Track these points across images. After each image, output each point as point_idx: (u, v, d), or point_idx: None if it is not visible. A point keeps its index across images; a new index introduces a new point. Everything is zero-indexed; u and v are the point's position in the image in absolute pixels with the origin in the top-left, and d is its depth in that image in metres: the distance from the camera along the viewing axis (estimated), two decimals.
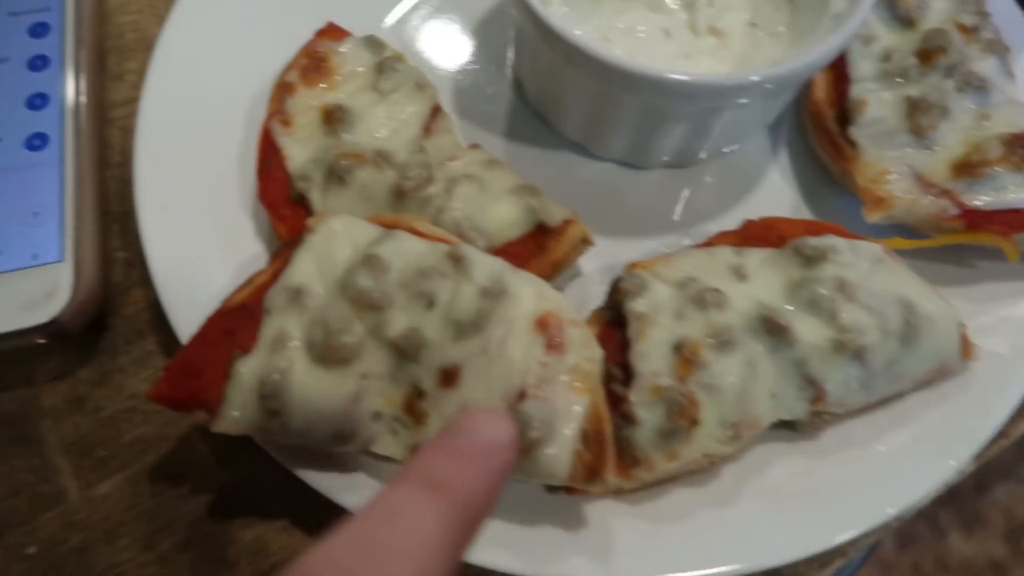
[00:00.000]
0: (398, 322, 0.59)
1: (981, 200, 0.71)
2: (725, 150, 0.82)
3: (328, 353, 0.58)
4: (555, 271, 0.71)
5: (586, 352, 0.61)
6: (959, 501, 2.06)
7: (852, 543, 0.70)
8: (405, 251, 0.61)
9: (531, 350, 0.60)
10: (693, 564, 0.63)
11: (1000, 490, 2.08)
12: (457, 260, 0.60)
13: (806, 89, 0.82)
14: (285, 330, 0.60)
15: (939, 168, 0.73)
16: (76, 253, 0.70)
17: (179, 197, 0.73)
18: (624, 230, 0.79)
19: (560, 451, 0.58)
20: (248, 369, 0.59)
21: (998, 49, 0.77)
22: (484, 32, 0.88)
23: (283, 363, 0.58)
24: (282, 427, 0.59)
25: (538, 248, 0.70)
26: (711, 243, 0.72)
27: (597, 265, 0.76)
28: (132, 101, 0.81)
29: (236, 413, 0.59)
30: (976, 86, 0.74)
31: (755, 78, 0.66)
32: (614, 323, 0.68)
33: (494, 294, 0.60)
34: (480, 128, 0.82)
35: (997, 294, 0.74)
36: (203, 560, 0.67)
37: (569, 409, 0.59)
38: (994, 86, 0.74)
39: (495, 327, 0.60)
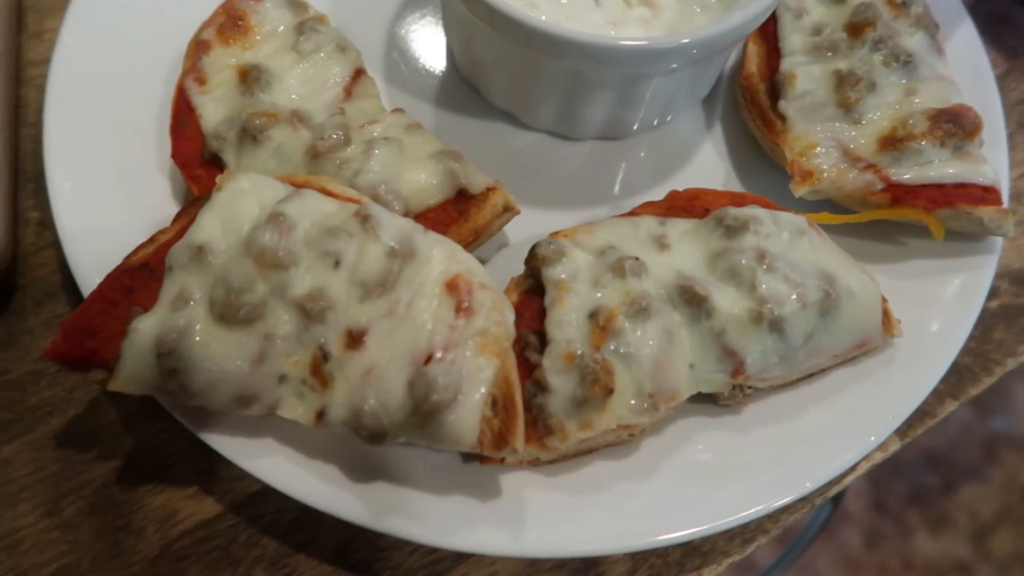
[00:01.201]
0: (303, 282, 0.58)
1: (906, 175, 0.70)
2: (657, 123, 0.81)
3: (229, 312, 0.57)
4: (477, 238, 0.69)
5: (496, 316, 0.59)
6: (926, 501, 2.07)
7: (771, 518, 0.69)
8: (312, 210, 0.60)
9: (439, 313, 0.58)
10: (607, 537, 0.62)
11: (966, 491, 2.10)
12: (364, 219, 0.59)
13: (739, 64, 0.81)
14: (186, 288, 0.58)
15: (866, 142, 0.72)
16: None
17: (92, 157, 0.71)
18: (554, 201, 0.77)
19: (466, 415, 0.57)
20: (146, 327, 0.57)
21: (927, 24, 0.76)
22: None
23: (182, 321, 0.57)
24: (181, 387, 0.57)
25: (459, 215, 0.68)
26: (635, 213, 0.70)
27: (525, 236, 0.75)
28: (50, 60, 0.79)
29: (132, 371, 0.57)
30: (904, 61, 0.73)
31: (680, 41, 0.65)
32: (533, 291, 0.67)
33: (402, 255, 0.59)
34: (408, 94, 0.81)
35: (925, 271, 0.74)
36: (108, 527, 0.66)
37: (477, 374, 0.57)
38: (922, 61, 0.74)
39: (403, 288, 0.58)
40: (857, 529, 2.03)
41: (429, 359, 0.57)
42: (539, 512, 0.63)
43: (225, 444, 0.62)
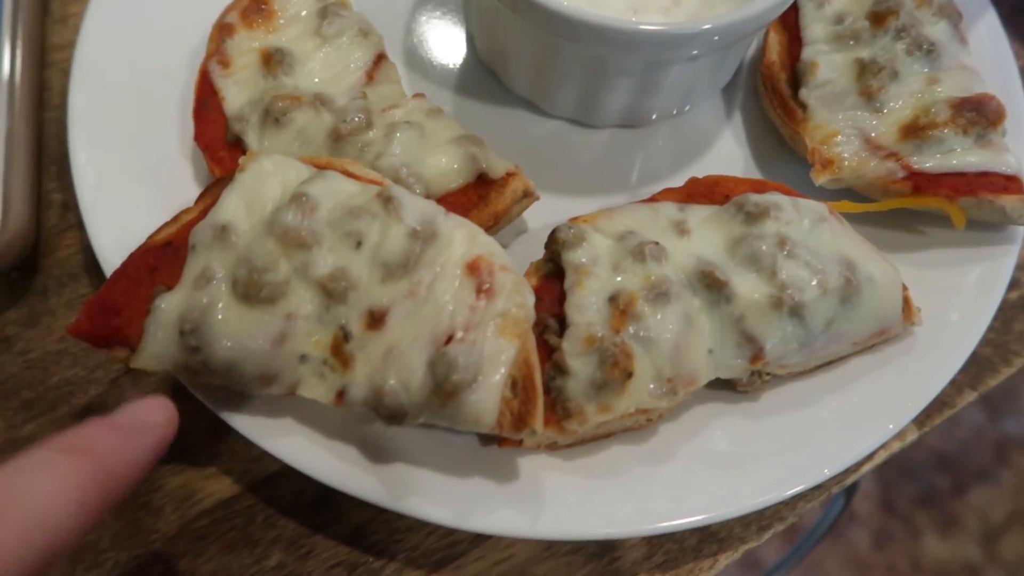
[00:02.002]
0: (325, 262, 0.58)
1: (928, 163, 0.70)
2: (677, 112, 0.81)
3: (252, 291, 0.57)
4: (497, 223, 0.69)
5: (517, 298, 0.59)
6: (935, 503, 2.06)
7: (788, 505, 0.69)
8: (335, 191, 0.60)
9: (460, 294, 0.58)
10: (623, 520, 0.62)
11: (976, 493, 2.09)
12: (387, 200, 0.59)
13: (760, 53, 0.81)
14: (209, 267, 0.58)
15: (888, 131, 0.72)
16: (5, 192, 0.69)
17: (115, 139, 0.71)
18: (573, 188, 0.78)
19: (486, 396, 0.57)
20: (169, 305, 0.57)
21: (950, 14, 0.76)
22: None
23: (205, 299, 0.57)
24: (203, 365, 0.58)
25: (479, 199, 0.69)
26: (655, 199, 0.71)
27: (544, 222, 0.75)
28: (75, 44, 0.79)
29: (155, 349, 0.57)
30: (926, 50, 0.73)
31: (701, 27, 0.65)
32: (553, 275, 0.67)
33: (424, 236, 0.59)
34: (429, 80, 0.81)
35: (946, 261, 0.74)
36: (128, 505, 0.66)
37: (497, 355, 0.58)
38: (944, 50, 0.74)
39: (424, 270, 0.58)
40: (866, 530, 2.03)
41: (450, 340, 0.57)
42: (556, 495, 0.63)
43: (245, 424, 0.62)
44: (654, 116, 0.80)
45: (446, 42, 0.84)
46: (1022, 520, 2.05)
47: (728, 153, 0.81)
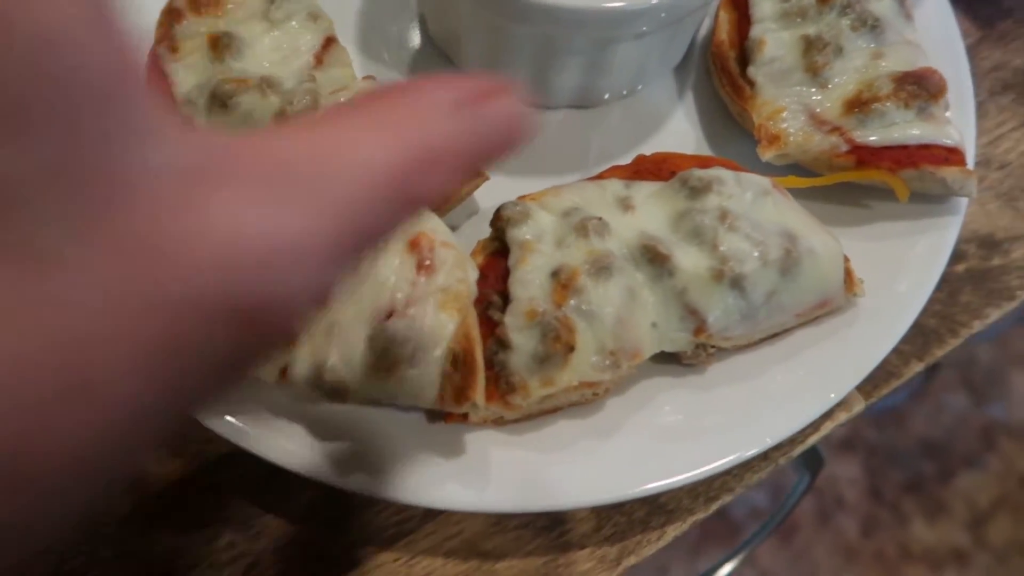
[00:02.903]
0: None
1: (871, 137, 0.71)
2: (628, 92, 0.81)
3: None
4: (447, 204, 0.70)
5: (458, 273, 0.60)
6: (923, 489, 2.07)
7: (735, 477, 0.70)
8: None
9: (401, 270, 0.59)
10: (571, 492, 0.63)
11: (963, 479, 2.10)
12: None
13: (711, 32, 0.82)
14: None
15: (832, 106, 0.73)
16: None
17: None
18: (525, 168, 0.78)
19: (426, 371, 0.58)
20: None
21: None
22: None
23: None
24: None
25: None
26: (602, 176, 0.71)
27: (495, 202, 0.75)
28: None
29: None
30: (871, 25, 0.74)
31: (649, 3, 0.66)
32: (499, 253, 0.68)
33: None
34: (381, 64, 0.81)
35: (891, 233, 0.74)
36: None
37: (438, 330, 0.58)
38: (889, 26, 0.74)
39: None
40: (853, 517, 2.04)
41: (390, 315, 0.58)
42: (504, 469, 0.64)
43: None
44: (606, 96, 0.80)
45: (398, 25, 0.84)
46: (1009, 505, 2.06)
47: (680, 131, 0.81)
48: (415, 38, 0.84)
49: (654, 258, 0.64)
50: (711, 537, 1.78)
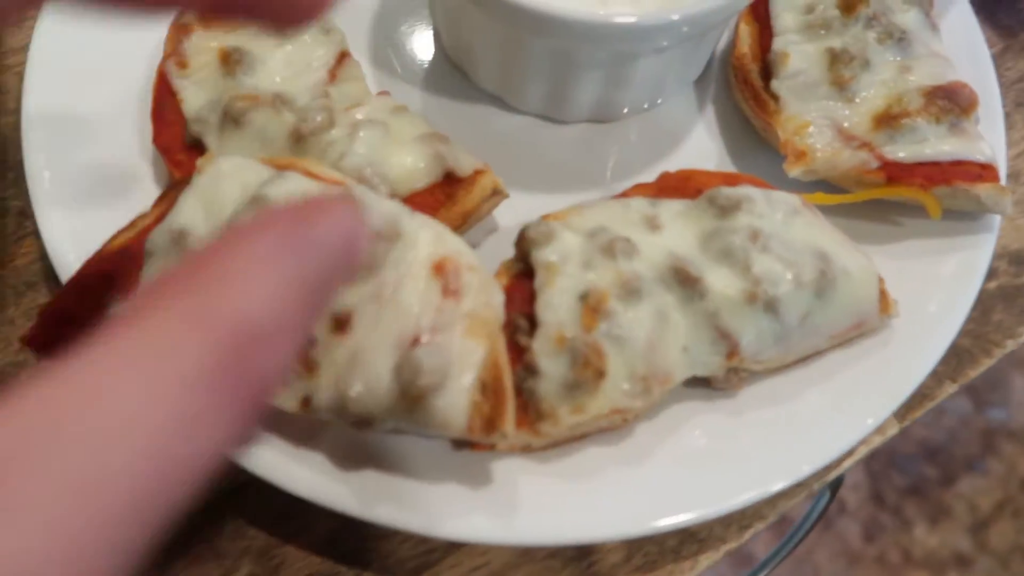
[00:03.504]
0: None
1: (901, 153, 0.69)
2: (648, 106, 0.80)
3: None
4: (466, 222, 0.68)
5: (485, 298, 0.58)
6: (924, 493, 2.07)
7: (768, 504, 0.68)
8: (295, 192, 0.58)
9: (427, 295, 0.57)
10: (601, 523, 0.61)
11: (965, 483, 2.10)
12: None
13: (731, 45, 0.80)
14: None
15: (860, 121, 0.71)
16: None
17: (72, 143, 0.70)
18: (543, 185, 0.76)
19: (454, 400, 0.55)
20: None
21: (921, 1, 0.75)
22: None
23: None
24: None
25: (447, 198, 0.67)
26: (626, 194, 0.69)
27: (514, 220, 0.73)
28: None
29: None
30: (898, 38, 0.72)
31: (669, 19, 0.64)
32: (523, 275, 0.66)
33: (388, 237, 0.57)
34: (394, 78, 0.79)
35: (922, 251, 0.73)
36: None
37: (465, 357, 0.56)
38: (916, 38, 0.73)
39: (389, 271, 0.57)
40: (856, 521, 2.03)
41: (416, 342, 0.56)
42: (532, 499, 0.62)
43: None
44: (625, 110, 0.79)
45: (412, 39, 0.82)
46: (1011, 509, 2.06)
47: (701, 146, 0.79)
48: (429, 52, 0.82)
49: (684, 280, 0.62)
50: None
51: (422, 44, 0.82)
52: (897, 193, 0.70)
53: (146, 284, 0.29)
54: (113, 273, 0.59)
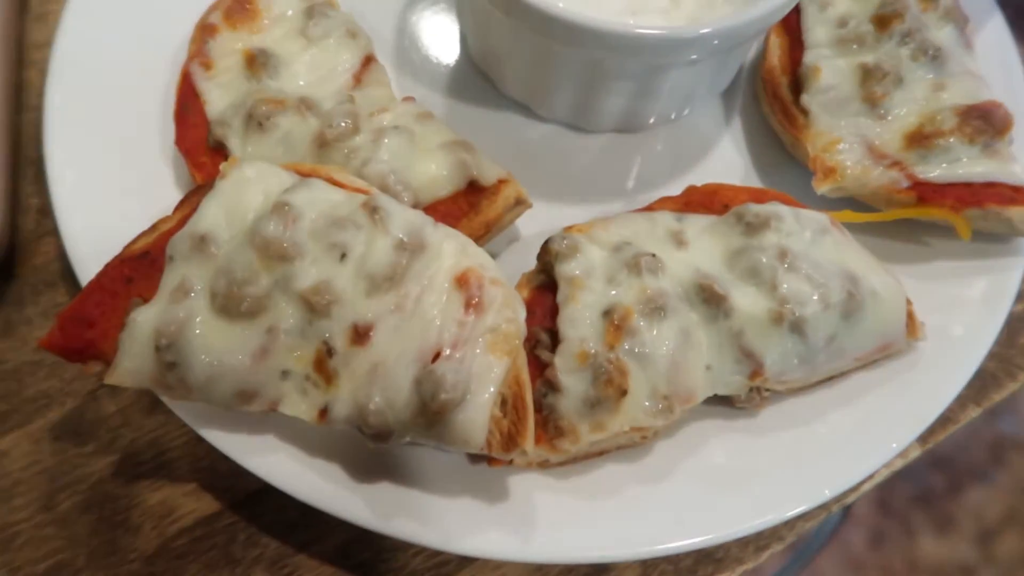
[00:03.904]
0: (308, 274, 0.56)
1: (933, 173, 0.68)
2: (675, 116, 0.79)
3: (231, 304, 0.55)
4: (488, 232, 0.67)
5: (507, 313, 0.57)
6: (931, 503, 2.06)
7: (787, 525, 0.67)
8: (319, 200, 0.58)
9: (449, 309, 0.56)
10: (618, 542, 0.60)
11: (972, 493, 2.08)
12: (373, 211, 0.57)
13: (760, 57, 0.79)
14: (187, 279, 0.56)
15: (892, 138, 0.70)
16: None
17: (93, 142, 0.69)
18: (567, 194, 0.75)
19: (475, 416, 0.55)
20: (145, 318, 0.55)
21: (956, 17, 0.74)
22: None
23: (183, 313, 0.55)
24: (181, 381, 0.55)
25: (470, 207, 0.66)
26: (652, 208, 0.68)
27: (537, 230, 0.73)
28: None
29: (130, 364, 0.55)
30: (932, 55, 0.71)
31: (700, 31, 0.63)
32: (545, 287, 0.65)
33: (412, 248, 0.56)
34: (419, 83, 0.79)
35: (950, 273, 0.71)
36: (105, 523, 0.64)
37: (486, 372, 0.55)
38: (950, 56, 0.71)
39: (411, 283, 0.56)
40: (862, 530, 2.02)
41: (437, 356, 0.55)
42: (548, 516, 0.61)
43: (225, 441, 0.60)
44: (652, 121, 0.78)
45: (438, 43, 0.82)
46: (1018, 520, 2.05)
47: (727, 159, 0.78)
48: (455, 57, 0.81)
49: (710, 298, 0.61)
50: None
51: (448, 50, 0.81)
52: (927, 214, 0.69)
53: None
54: (133, 276, 0.58)
